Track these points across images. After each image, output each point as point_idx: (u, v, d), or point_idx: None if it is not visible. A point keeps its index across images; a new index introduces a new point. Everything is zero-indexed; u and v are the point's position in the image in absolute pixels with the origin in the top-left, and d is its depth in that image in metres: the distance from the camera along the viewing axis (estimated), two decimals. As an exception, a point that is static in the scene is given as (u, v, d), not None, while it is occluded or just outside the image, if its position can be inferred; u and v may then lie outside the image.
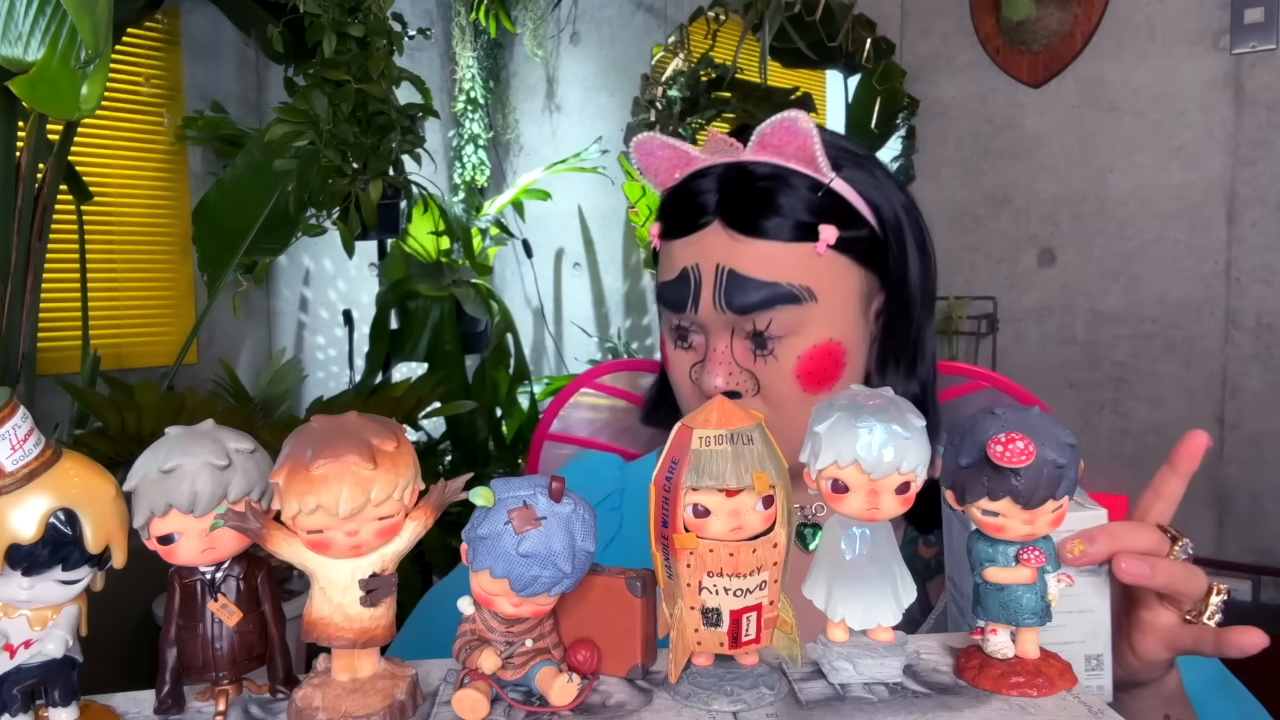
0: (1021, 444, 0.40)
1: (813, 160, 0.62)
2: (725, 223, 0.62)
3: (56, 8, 1.26)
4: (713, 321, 0.64)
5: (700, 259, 0.63)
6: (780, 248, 0.62)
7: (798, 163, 0.63)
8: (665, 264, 0.66)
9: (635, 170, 0.71)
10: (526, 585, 0.38)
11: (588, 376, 0.92)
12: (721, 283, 0.62)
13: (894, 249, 0.65)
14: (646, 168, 0.69)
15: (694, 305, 0.64)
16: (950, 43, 2.32)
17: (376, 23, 1.80)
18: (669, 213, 0.66)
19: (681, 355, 0.67)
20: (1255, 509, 2.03)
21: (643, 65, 2.79)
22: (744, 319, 0.62)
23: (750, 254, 0.62)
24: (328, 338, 2.82)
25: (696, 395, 0.66)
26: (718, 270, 0.62)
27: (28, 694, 0.38)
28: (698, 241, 0.64)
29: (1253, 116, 1.99)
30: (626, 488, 0.76)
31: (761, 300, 0.61)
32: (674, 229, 0.66)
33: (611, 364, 0.93)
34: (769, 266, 0.62)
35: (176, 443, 0.39)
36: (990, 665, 0.43)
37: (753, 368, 0.63)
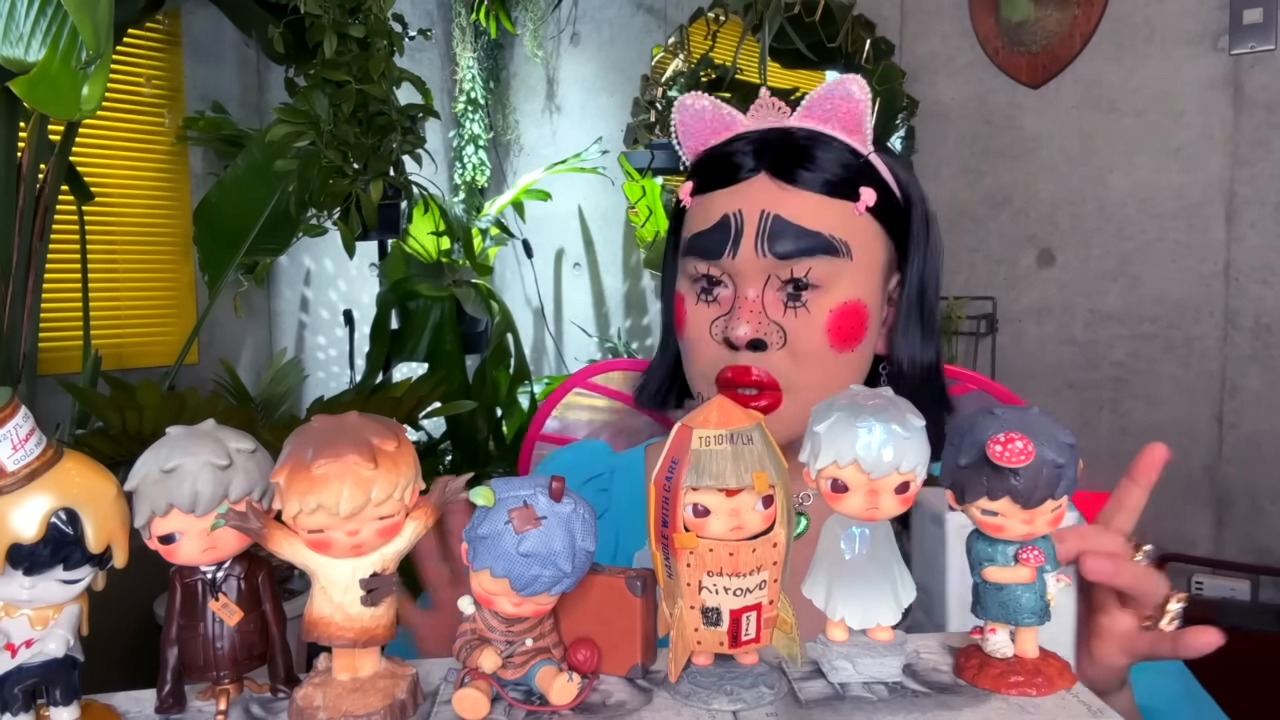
0: (1021, 444, 0.40)
1: (859, 127, 0.65)
2: (771, 173, 0.64)
3: (57, 8, 1.27)
4: (749, 269, 0.64)
5: (744, 205, 0.64)
6: (823, 201, 0.64)
7: (843, 131, 0.66)
8: (700, 215, 0.67)
9: (634, 171, 0.72)
10: (527, 585, 0.38)
11: (579, 377, 0.92)
12: (765, 227, 0.63)
13: (917, 230, 0.69)
14: (687, 128, 0.70)
15: (733, 250, 0.64)
16: (950, 43, 2.33)
17: (377, 23, 1.80)
18: (709, 168, 0.68)
19: (703, 310, 0.66)
20: (1254, 509, 2.03)
21: (643, 66, 2.79)
22: (783, 265, 0.63)
23: (795, 202, 0.64)
24: (328, 338, 2.82)
25: (716, 352, 0.65)
26: (762, 215, 0.64)
27: (29, 693, 0.39)
28: (742, 190, 0.65)
29: (1251, 117, 1.99)
30: (615, 470, 0.76)
31: (804, 247, 0.63)
32: (714, 181, 0.66)
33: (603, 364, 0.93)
34: (812, 216, 0.64)
35: (178, 442, 0.39)
36: (989, 664, 0.43)
37: (781, 320, 0.64)
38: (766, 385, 0.64)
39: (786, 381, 0.64)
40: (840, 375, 0.66)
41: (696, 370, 0.68)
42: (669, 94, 2.69)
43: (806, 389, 0.64)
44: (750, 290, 0.64)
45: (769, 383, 0.64)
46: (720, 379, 0.65)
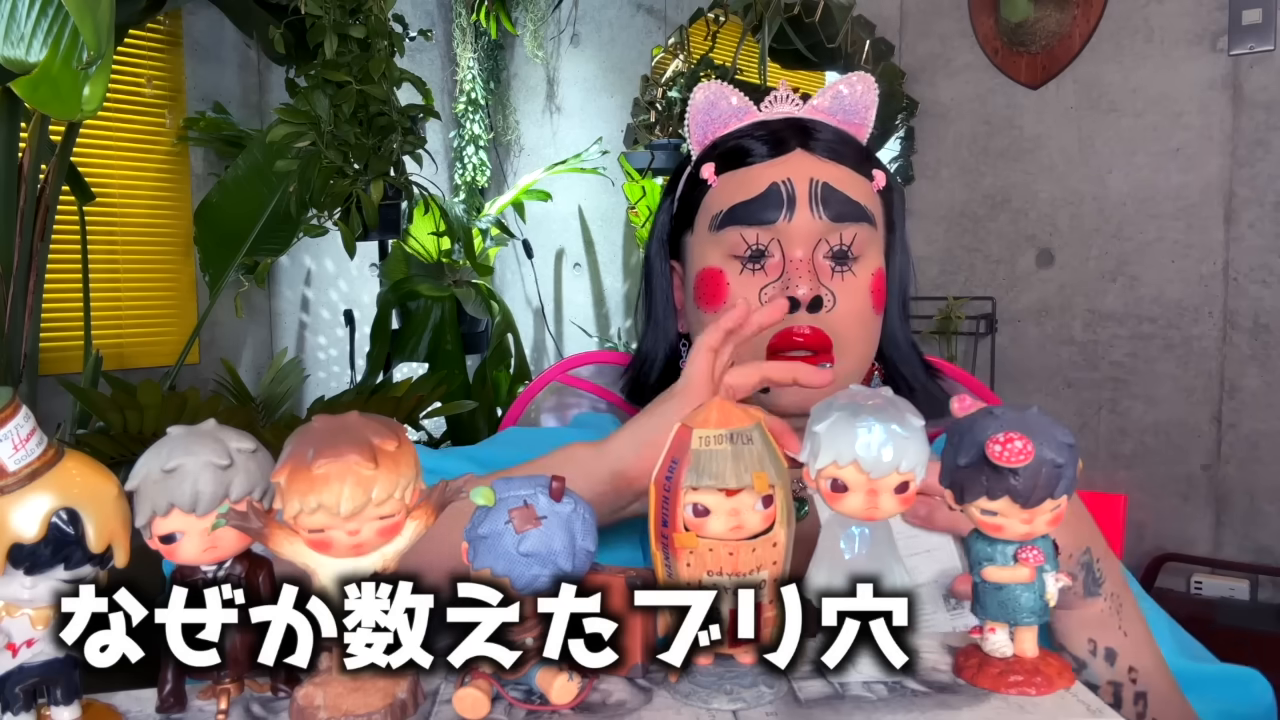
0: (1020, 443, 0.40)
1: (864, 120, 0.71)
2: (807, 150, 0.68)
3: (59, 9, 1.27)
4: (802, 233, 0.67)
5: (791, 174, 0.67)
6: (855, 176, 0.69)
7: (845, 124, 0.71)
8: (737, 188, 0.68)
9: (634, 171, 0.73)
10: (527, 584, 0.38)
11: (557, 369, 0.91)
12: (817, 193, 0.67)
13: (898, 217, 0.74)
14: (704, 114, 0.72)
15: (789, 213, 0.66)
16: (949, 44, 2.33)
17: (377, 24, 1.80)
18: (737, 147, 0.70)
19: (750, 279, 0.67)
20: (1253, 509, 2.03)
21: (643, 66, 2.79)
22: (833, 230, 0.67)
23: (837, 174, 0.68)
24: (329, 338, 2.82)
25: None
26: (812, 183, 0.67)
27: (30, 693, 0.39)
28: (783, 163, 0.68)
29: (1250, 117, 1.99)
30: None
31: (852, 212, 0.67)
32: (750, 157, 0.69)
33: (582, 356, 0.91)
34: (850, 188, 0.68)
35: (178, 442, 0.39)
36: (989, 664, 0.43)
37: (830, 284, 0.67)
38: (820, 346, 0.66)
39: (839, 341, 0.66)
40: (875, 337, 0.71)
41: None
42: (669, 94, 2.69)
43: (854, 350, 0.68)
44: (799, 252, 0.66)
45: (824, 343, 0.66)
46: (774, 344, 0.66)
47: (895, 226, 0.73)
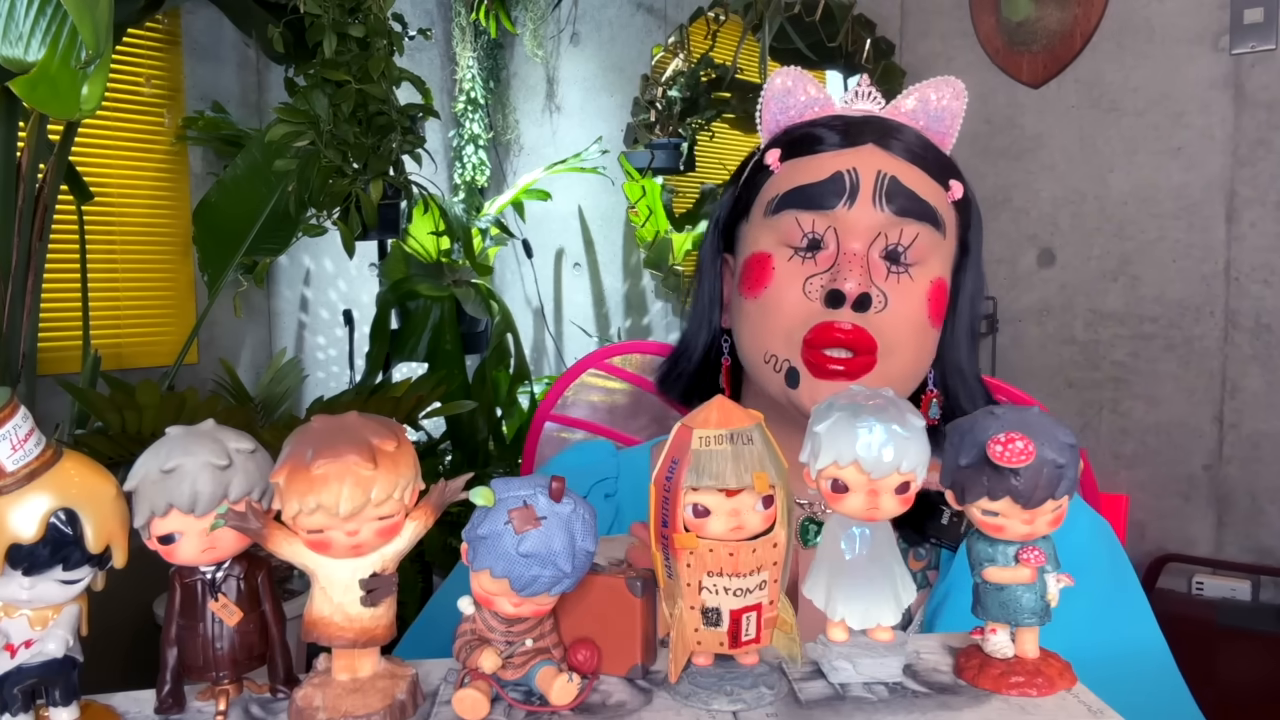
0: (1021, 444, 0.40)
1: (948, 128, 0.68)
2: (880, 145, 0.65)
3: (57, 8, 1.27)
4: (861, 224, 0.63)
5: (858, 165, 0.64)
6: (927, 179, 0.65)
7: (929, 133, 0.67)
8: (803, 171, 0.65)
9: (634, 171, 0.72)
10: (527, 585, 0.38)
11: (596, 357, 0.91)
12: (883, 185, 0.63)
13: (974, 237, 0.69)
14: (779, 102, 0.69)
15: (849, 202, 0.63)
16: (950, 43, 2.32)
17: (377, 23, 1.80)
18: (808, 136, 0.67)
19: (797, 267, 0.64)
20: (1254, 509, 2.03)
21: (643, 66, 2.79)
22: (895, 225, 0.63)
23: (907, 172, 0.64)
24: (328, 338, 2.82)
25: (808, 308, 0.63)
26: (879, 175, 0.64)
27: (28, 693, 0.39)
28: (852, 153, 0.65)
29: (1252, 117, 1.99)
30: (620, 474, 0.75)
31: (919, 210, 0.63)
32: (819, 146, 0.66)
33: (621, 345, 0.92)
34: (921, 187, 0.64)
35: (177, 443, 0.39)
36: (990, 665, 0.43)
37: (884, 284, 0.63)
38: (862, 348, 0.61)
39: (885, 345, 0.62)
40: (927, 350, 0.66)
41: (779, 328, 0.64)
42: (669, 94, 2.69)
43: (902, 357, 0.63)
44: (855, 245, 0.63)
45: (867, 343, 0.61)
46: (811, 337, 0.62)
47: (970, 247, 0.69)
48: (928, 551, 0.68)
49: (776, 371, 0.64)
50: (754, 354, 0.67)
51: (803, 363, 0.63)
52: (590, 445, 0.82)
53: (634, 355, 0.91)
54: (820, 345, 0.62)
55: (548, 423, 0.92)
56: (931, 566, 0.68)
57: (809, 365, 0.62)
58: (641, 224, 2.81)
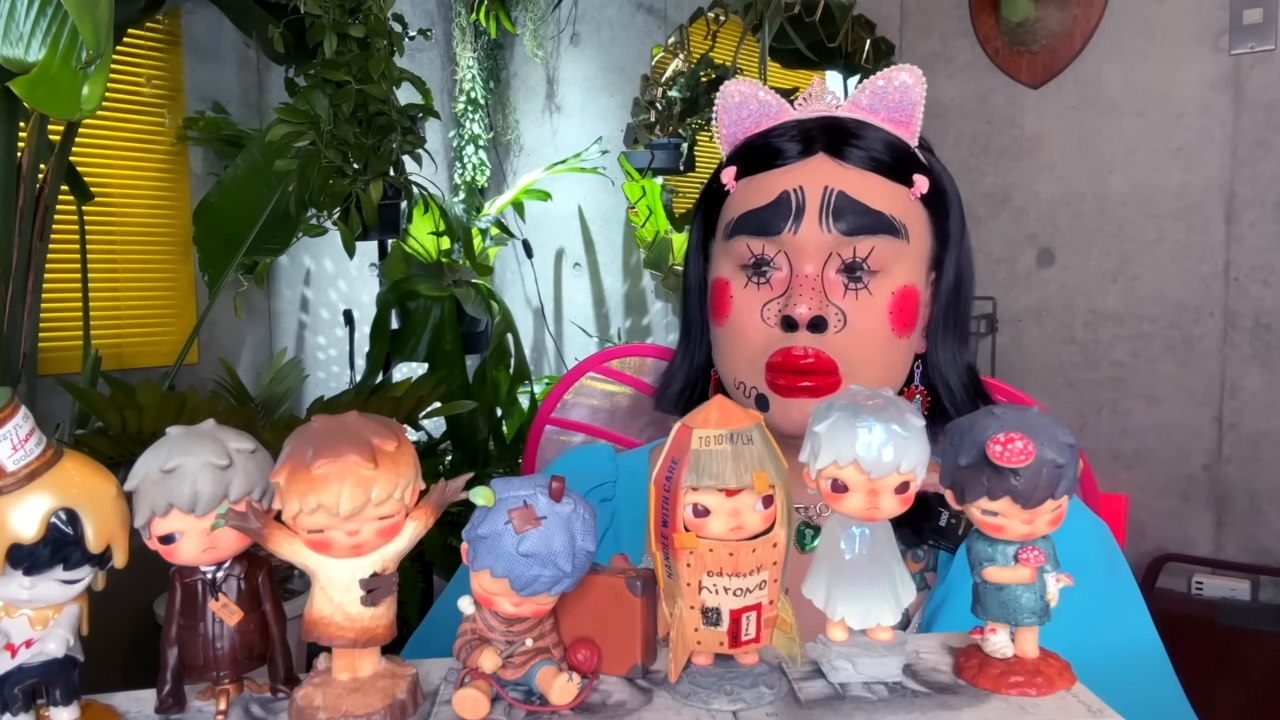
0: (1021, 444, 0.40)
1: (909, 118, 0.65)
2: (829, 153, 0.63)
3: (58, 8, 1.27)
4: (809, 246, 0.62)
5: (805, 182, 0.62)
6: (883, 182, 0.63)
7: (890, 122, 0.65)
8: (751, 194, 0.64)
9: (634, 171, 0.72)
10: (527, 585, 0.38)
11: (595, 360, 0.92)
12: (829, 203, 0.62)
13: (955, 226, 0.68)
14: (733, 113, 0.68)
15: (794, 225, 0.62)
16: (950, 43, 2.32)
17: (377, 23, 1.80)
18: (760, 150, 0.65)
19: (753, 294, 0.63)
20: (1253, 509, 2.03)
21: (643, 66, 2.79)
22: (846, 243, 0.62)
23: (858, 181, 0.62)
24: (328, 338, 2.82)
25: (767, 335, 0.62)
26: (826, 191, 0.62)
27: (29, 693, 0.39)
28: (801, 168, 0.63)
29: (1251, 117, 1.99)
30: (619, 478, 0.75)
31: (870, 224, 0.61)
32: (767, 161, 0.64)
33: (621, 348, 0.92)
34: (873, 196, 0.62)
35: (177, 443, 0.39)
36: (989, 664, 0.43)
37: (841, 302, 0.62)
38: (823, 369, 0.61)
39: (846, 365, 0.61)
40: (897, 362, 0.65)
41: (742, 357, 0.64)
42: (669, 94, 2.69)
43: (866, 375, 0.62)
44: (808, 267, 0.62)
45: (826, 365, 0.61)
46: (772, 363, 0.62)
47: (950, 235, 0.67)
48: (925, 553, 0.68)
49: (746, 397, 0.65)
50: (727, 380, 0.67)
51: (768, 387, 0.63)
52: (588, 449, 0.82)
53: (632, 358, 0.91)
54: (783, 370, 0.62)
55: (548, 425, 0.92)
56: (929, 568, 0.68)
57: (774, 388, 0.62)
58: (641, 224, 2.81)
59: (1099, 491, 0.85)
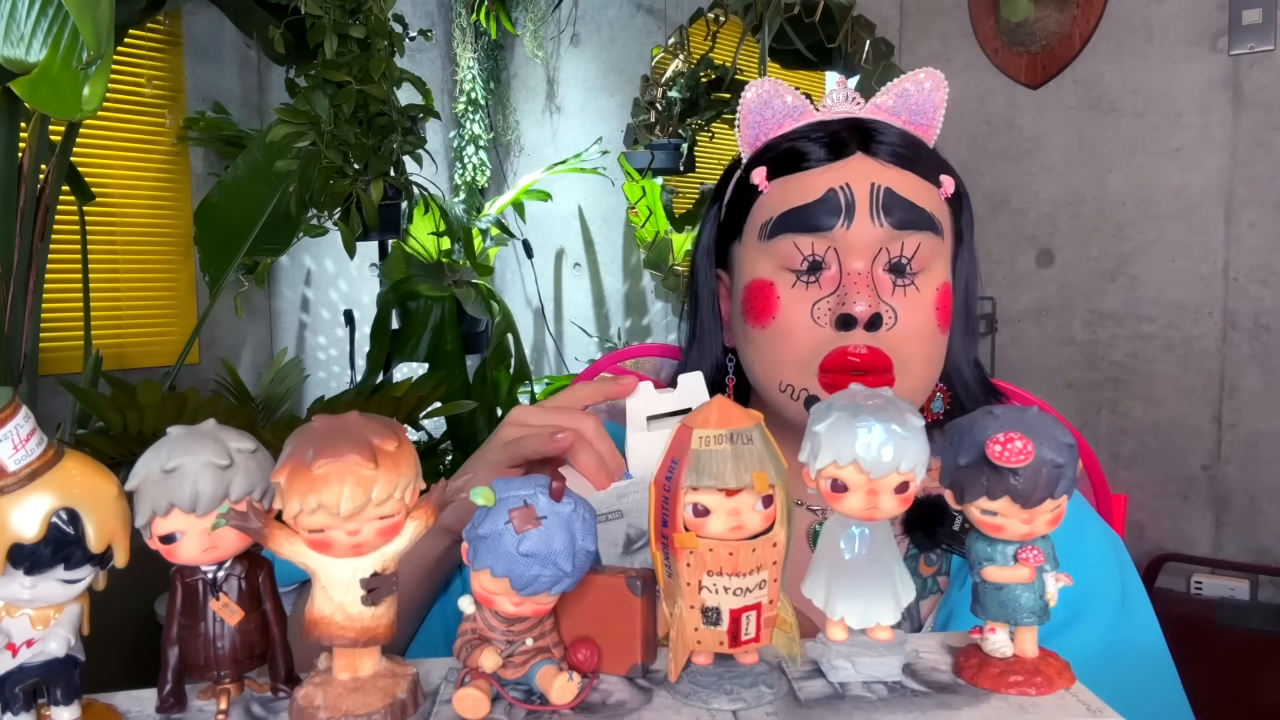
0: (1020, 443, 0.40)
1: (930, 120, 0.67)
2: (869, 153, 0.64)
3: (59, 9, 1.27)
4: (862, 242, 0.62)
5: (850, 180, 0.63)
6: (920, 182, 0.64)
7: (911, 124, 0.66)
8: (794, 192, 0.64)
9: (634, 171, 0.72)
10: (527, 584, 0.38)
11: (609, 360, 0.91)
12: (878, 199, 0.62)
13: (967, 227, 0.69)
14: (757, 115, 0.67)
15: (847, 221, 0.62)
16: (949, 44, 2.33)
17: (377, 24, 1.80)
18: (791, 151, 0.65)
19: (802, 292, 0.63)
20: (1253, 509, 2.03)
21: (643, 66, 2.79)
22: (895, 239, 0.62)
23: (901, 180, 0.63)
24: (329, 338, 2.82)
25: (820, 335, 0.62)
26: (874, 188, 0.62)
27: (30, 693, 0.39)
28: (843, 167, 0.63)
29: (1251, 117, 1.99)
30: None
31: (916, 219, 0.62)
32: (799, 161, 0.64)
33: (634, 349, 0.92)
34: (916, 194, 0.63)
35: (178, 442, 0.39)
36: (989, 664, 0.43)
37: (891, 299, 0.62)
38: (879, 367, 0.61)
39: (901, 363, 0.62)
40: (940, 357, 0.66)
41: (791, 359, 0.63)
42: (669, 94, 2.69)
43: (917, 371, 0.63)
44: (859, 264, 0.62)
45: (882, 363, 0.61)
46: (827, 364, 0.61)
47: (964, 237, 0.68)
48: (939, 557, 0.68)
49: (794, 399, 0.64)
50: (768, 383, 0.66)
51: (821, 388, 0.62)
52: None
53: (647, 359, 0.91)
54: (839, 369, 0.61)
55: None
56: (943, 572, 0.68)
57: (828, 389, 0.62)
58: (641, 224, 2.81)
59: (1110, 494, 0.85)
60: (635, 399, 0.58)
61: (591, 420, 0.58)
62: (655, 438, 0.57)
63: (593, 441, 0.58)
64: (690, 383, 0.58)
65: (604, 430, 0.59)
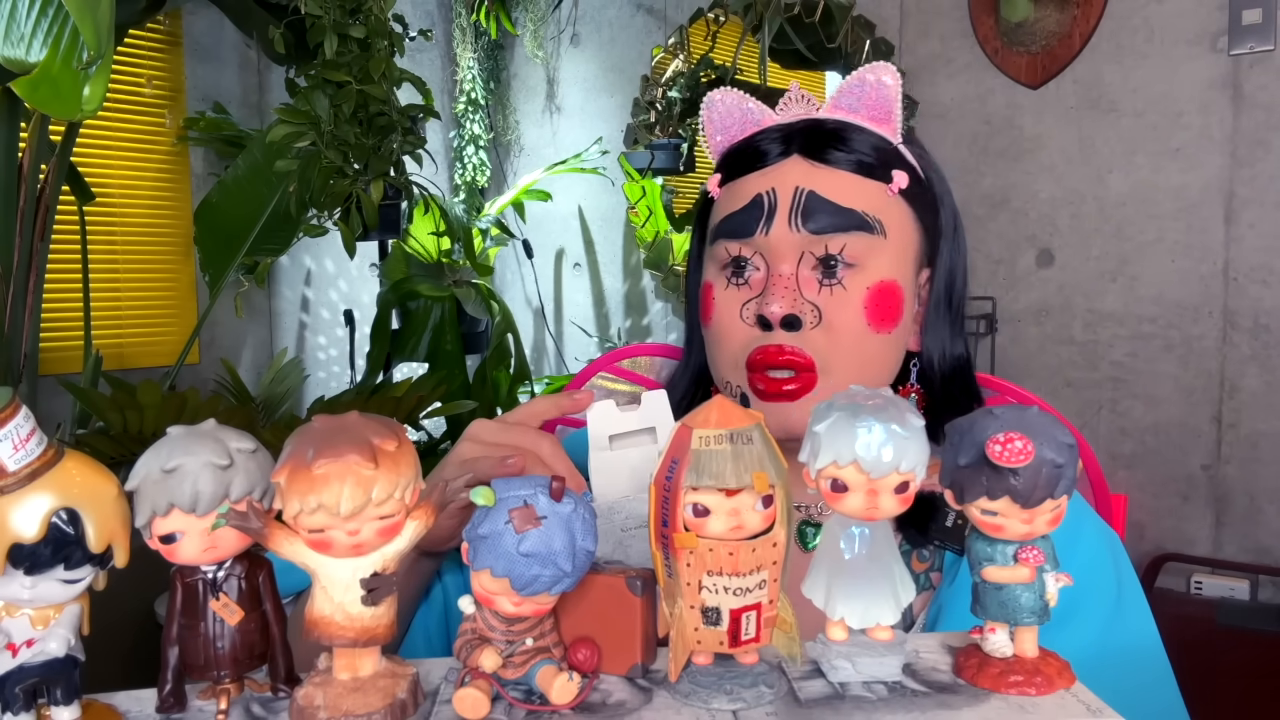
0: (1020, 443, 0.40)
1: (889, 116, 0.65)
2: (804, 154, 0.64)
3: (59, 9, 1.27)
4: (782, 246, 0.63)
5: (777, 184, 0.64)
6: (857, 180, 0.64)
7: (871, 121, 0.66)
8: (730, 199, 0.66)
9: (634, 171, 0.72)
10: (527, 584, 0.38)
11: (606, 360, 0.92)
12: (799, 203, 0.63)
13: (946, 222, 0.68)
14: (717, 123, 0.69)
15: (766, 227, 0.63)
16: (949, 44, 2.33)
17: (377, 24, 1.80)
18: (739, 156, 0.67)
19: (733, 294, 0.65)
20: (1253, 509, 2.03)
21: (643, 66, 2.79)
22: (817, 241, 0.63)
23: (829, 180, 0.64)
24: (329, 338, 2.82)
25: (746, 334, 0.64)
26: (796, 192, 0.63)
27: (30, 693, 0.39)
28: (774, 171, 0.65)
29: (1250, 117, 1.99)
30: None
31: (839, 223, 0.63)
32: (744, 167, 0.66)
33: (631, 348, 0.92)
34: (846, 194, 0.63)
35: (178, 442, 0.39)
36: (989, 664, 0.43)
37: (817, 299, 0.63)
38: (801, 366, 0.62)
39: (823, 362, 0.62)
40: (877, 358, 0.65)
41: (725, 357, 0.66)
42: (669, 94, 2.69)
43: (843, 370, 0.63)
44: (783, 266, 0.63)
45: (804, 363, 0.62)
46: (751, 361, 0.63)
47: (943, 228, 0.68)
48: (931, 554, 0.68)
49: (733, 396, 0.65)
50: (717, 381, 0.69)
51: (748, 386, 0.64)
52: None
53: (643, 358, 0.91)
54: (760, 368, 0.63)
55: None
56: (935, 569, 0.69)
57: (754, 390, 0.64)
58: (641, 224, 2.81)
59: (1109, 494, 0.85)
60: (597, 418, 0.57)
61: (548, 440, 0.59)
62: (617, 457, 0.57)
63: (549, 462, 0.58)
64: (654, 401, 0.58)
65: (561, 450, 0.59)
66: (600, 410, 0.58)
